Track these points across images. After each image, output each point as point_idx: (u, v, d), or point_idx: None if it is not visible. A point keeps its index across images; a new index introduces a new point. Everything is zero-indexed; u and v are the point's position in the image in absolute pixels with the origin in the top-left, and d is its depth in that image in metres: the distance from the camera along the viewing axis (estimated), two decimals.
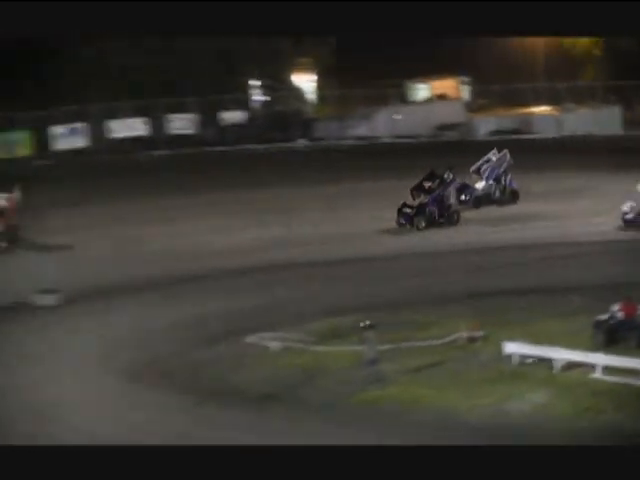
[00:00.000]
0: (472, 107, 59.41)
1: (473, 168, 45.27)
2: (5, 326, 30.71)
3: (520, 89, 59.33)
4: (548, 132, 56.84)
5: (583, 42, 63.32)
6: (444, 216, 42.14)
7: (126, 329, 29.56)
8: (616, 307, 25.01)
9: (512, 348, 24.42)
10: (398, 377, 23.26)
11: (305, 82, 64.88)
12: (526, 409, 21.29)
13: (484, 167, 45.28)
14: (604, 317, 25.01)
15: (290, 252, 39.86)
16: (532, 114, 58.53)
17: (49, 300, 32.24)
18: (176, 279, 35.98)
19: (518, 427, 20.12)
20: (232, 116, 66.63)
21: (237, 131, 61.35)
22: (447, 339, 26.18)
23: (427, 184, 42.85)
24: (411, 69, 58.97)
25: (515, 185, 45.07)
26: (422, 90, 57.28)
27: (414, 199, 42.26)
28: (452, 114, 55.77)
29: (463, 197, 44.37)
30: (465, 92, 60.76)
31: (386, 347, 24.49)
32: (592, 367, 22.93)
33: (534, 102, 59.65)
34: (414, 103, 59.34)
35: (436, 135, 53.34)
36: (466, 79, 61.79)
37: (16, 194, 43.29)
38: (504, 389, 22.52)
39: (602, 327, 24.92)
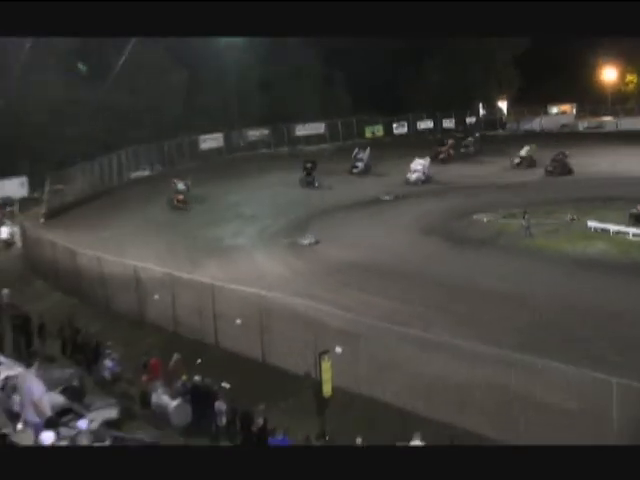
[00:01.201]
0: (577, 117, 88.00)
1: None
2: (368, 207, 52.12)
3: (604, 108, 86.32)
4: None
5: None
6: None
7: (421, 212, 49.66)
8: (638, 206, 43.05)
9: (591, 224, 43.06)
10: (539, 236, 42.20)
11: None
12: (596, 250, 39.37)
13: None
14: (633, 210, 43.14)
15: None
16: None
17: (388, 198, 55.14)
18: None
19: (594, 258, 38.01)
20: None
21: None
22: (561, 219, 45.64)
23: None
24: (551, 98, 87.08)
25: None
26: (555, 108, 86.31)
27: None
28: (568, 120, 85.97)
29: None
30: (574, 109, 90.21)
31: (534, 222, 43.22)
32: (627, 234, 41.39)
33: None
34: (551, 114, 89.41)
35: (560, 129, 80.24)
36: (575, 103, 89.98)
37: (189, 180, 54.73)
38: (587, 242, 40.72)
39: (632, 215, 42.91)
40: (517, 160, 66.61)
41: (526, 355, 21.10)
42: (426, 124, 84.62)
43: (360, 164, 64.44)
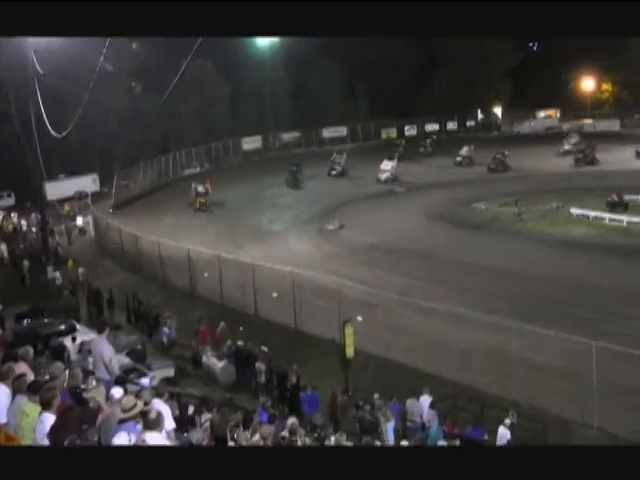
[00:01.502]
0: (560, 120, 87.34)
1: None
2: (384, 198, 51.64)
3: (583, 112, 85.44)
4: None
5: None
6: None
7: (431, 201, 49.22)
8: (614, 195, 42.85)
9: (574, 210, 42.59)
10: (529, 221, 41.96)
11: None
12: (578, 234, 39.01)
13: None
14: (609, 199, 42.68)
15: None
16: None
17: (400, 190, 54.65)
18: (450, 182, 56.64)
19: (575, 239, 37.71)
20: None
21: None
22: (547, 206, 45.04)
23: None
24: (539, 104, 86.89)
25: None
26: (542, 113, 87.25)
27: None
28: (553, 123, 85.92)
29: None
30: (558, 114, 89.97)
31: (524, 209, 42.82)
32: (604, 219, 41.02)
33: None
34: (539, 118, 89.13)
35: (546, 131, 79.18)
36: (558, 109, 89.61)
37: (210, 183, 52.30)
38: (570, 226, 40.42)
39: (609, 203, 42.59)
40: (459, 159, 65.34)
41: (518, 321, 20.97)
42: (433, 126, 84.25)
43: (338, 167, 62.33)
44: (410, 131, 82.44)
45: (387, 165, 60.59)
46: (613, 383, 18.83)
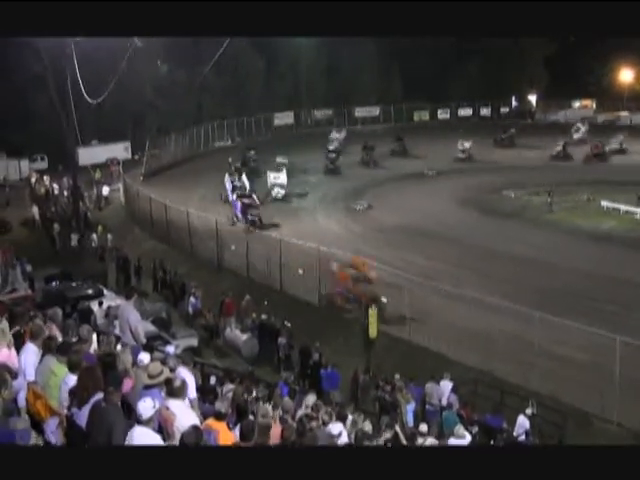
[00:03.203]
0: (596, 111, 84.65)
1: None
2: (414, 181, 50.68)
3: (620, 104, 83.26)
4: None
5: None
6: None
7: (460, 186, 48.44)
8: None
9: (604, 203, 41.97)
10: (559, 211, 41.31)
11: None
12: (608, 226, 38.34)
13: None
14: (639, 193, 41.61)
15: None
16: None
17: (431, 174, 53.42)
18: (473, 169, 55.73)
19: (605, 232, 37.20)
20: None
21: None
22: (578, 198, 44.22)
23: None
24: (575, 93, 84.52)
25: None
26: (577, 103, 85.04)
27: None
28: (588, 114, 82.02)
29: None
30: (594, 104, 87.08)
31: (556, 199, 41.98)
32: (635, 213, 40.54)
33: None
34: (574, 108, 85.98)
35: (581, 119, 72.91)
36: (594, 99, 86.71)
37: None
38: (600, 218, 39.77)
39: None
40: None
41: (543, 312, 20.79)
42: (466, 111, 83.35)
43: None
44: (443, 115, 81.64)
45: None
46: (636, 379, 18.58)
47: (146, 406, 7.60)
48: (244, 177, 43.26)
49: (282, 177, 46.59)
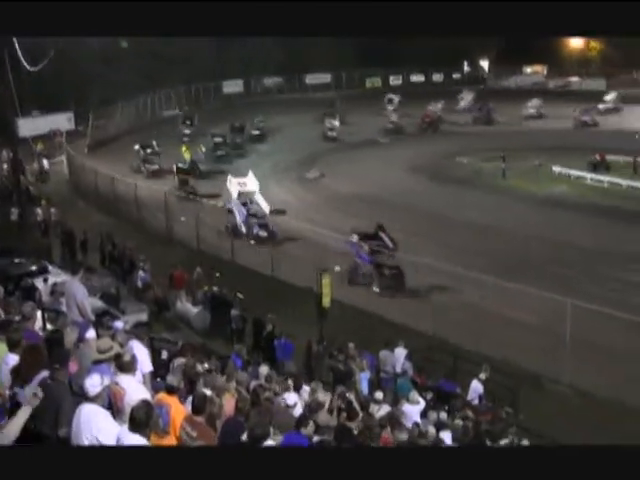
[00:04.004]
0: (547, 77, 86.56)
1: None
2: (366, 148, 51.18)
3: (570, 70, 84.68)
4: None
5: None
6: None
7: (413, 153, 49.07)
8: (596, 155, 43.29)
9: (556, 168, 43.04)
10: (511, 178, 42.30)
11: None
12: (559, 191, 39.44)
13: None
14: (592, 159, 43.12)
15: None
16: None
17: (385, 140, 54.03)
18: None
19: (557, 198, 37.93)
20: None
21: None
22: (530, 163, 44.79)
23: None
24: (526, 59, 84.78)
25: None
26: (529, 68, 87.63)
27: None
28: (539, 79, 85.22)
29: None
30: (545, 70, 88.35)
31: (509, 165, 43.02)
32: (585, 178, 41.84)
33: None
34: (525, 73, 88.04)
35: (532, 86, 77.16)
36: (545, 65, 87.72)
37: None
38: (552, 184, 40.77)
39: (590, 163, 43.07)
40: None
41: (496, 277, 21.16)
42: (418, 77, 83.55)
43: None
44: (395, 81, 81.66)
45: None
46: (586, 341, 19.13)
47: (93, 382, 7.52)
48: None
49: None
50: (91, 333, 9.96)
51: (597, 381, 18.00)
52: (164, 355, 13.97)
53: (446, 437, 12.20)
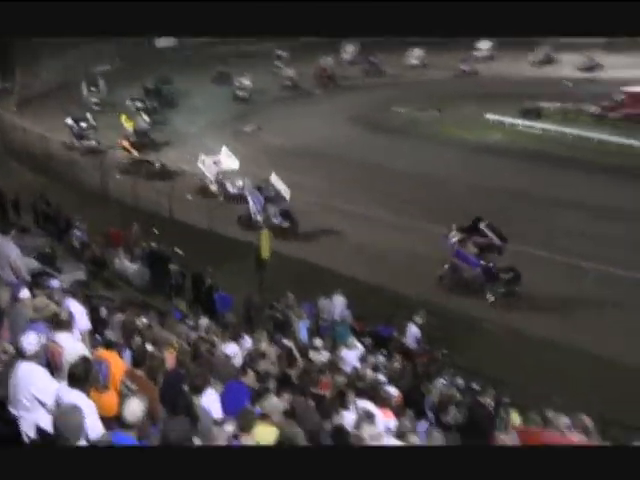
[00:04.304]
0: None
1: None
2: (303, 101, 51.01)
3: None
4: None
5: None
6: None
7: (349, 103, 48.91)
8: (528, 102, 44.25)
9: (489, 116, 43.73)
10: (447, 126, 42.64)
11: None
12: (493, 139, 40.15)
13: None
14: (524, 106, 43.72)
15: None
16: None
17: (318, 92, 53.04)
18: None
19: (490, 145, 38.57)
20: None
21: None
22: (464, 111, 45.34)
23: None
24: None
25: None
26: None
27: None
28: None
29: None
30: None
31: (444, 114, 44.86)
32: (517, 125, 42.54)
33: None
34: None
35: None
36: None
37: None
38: (486, 131, 41.58)
39: (522, 110, 43.49)
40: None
41: (432, 224, 21.65)
42: None
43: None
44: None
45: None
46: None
47: (30, 341, 7.55)
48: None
49: None
50: (25, 293, 9.87)
51: (524, 320, 18.78)
52: (103, 312, 13.91)
53: (381, 377, 12.52)
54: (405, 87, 53.26)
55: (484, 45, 64.40)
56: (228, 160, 29.08)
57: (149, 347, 10.19)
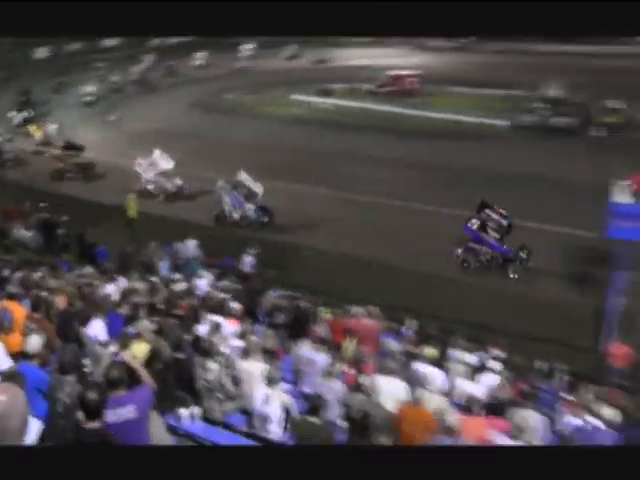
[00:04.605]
0: None
1: None
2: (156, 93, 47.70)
3: None
4: None
5: None
6: None
7: (189, 94, 46.14)
8: (324, 85, 44.69)
9: (294, 96, 42.78)
10: (264, 106, 43.16)
11: None
12: (299, 113, 39.81)
13: None
14: (321, 87, 44.10)
15: None
16: None
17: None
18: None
19: (297, 117, 38.57)
20: None
21: None
22: (271, 94, 46.09)
23: None
24: None
25: None
26: None
27: None
28: None
29: None
30: None
31: (259, 96, 45.61)
32: (318, 103, 43.66)
33: None
34: None
35: None
36: None
37: None
38: (293, 108, 40.94)
39: (319, 90, 43.66)
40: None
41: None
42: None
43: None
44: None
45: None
46: (334, 218, 21.44)
47: None
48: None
49: None
50: None
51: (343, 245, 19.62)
52: (5, 272, 13.35)
53: (226, 296, 12.90)
54: (231, 79, 51.69)
55: (248, 47, 58.59)
56: (163, 161, 25.87)
57: (44, 294, 10.06)
